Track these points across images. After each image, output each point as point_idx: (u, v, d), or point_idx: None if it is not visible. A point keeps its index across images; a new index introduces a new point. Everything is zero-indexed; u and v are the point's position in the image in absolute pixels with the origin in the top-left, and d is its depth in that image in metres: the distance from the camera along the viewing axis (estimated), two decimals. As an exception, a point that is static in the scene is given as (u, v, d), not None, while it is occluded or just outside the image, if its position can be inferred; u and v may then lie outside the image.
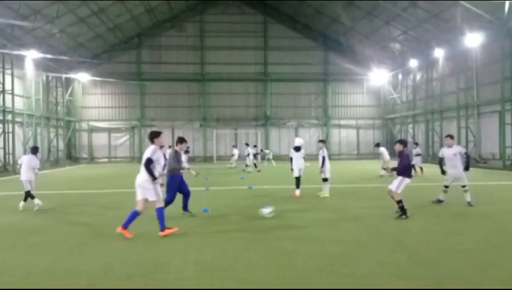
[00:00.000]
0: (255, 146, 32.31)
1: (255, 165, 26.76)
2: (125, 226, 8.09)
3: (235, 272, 5.84)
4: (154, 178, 8.06)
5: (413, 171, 17.74)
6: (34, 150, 12.29)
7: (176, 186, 10.03)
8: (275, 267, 6.02)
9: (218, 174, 24.44)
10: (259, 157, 26.45)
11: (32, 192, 11.72)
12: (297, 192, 13.74)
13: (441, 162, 11.74)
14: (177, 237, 7.97)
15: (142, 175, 8.12)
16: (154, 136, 8.55)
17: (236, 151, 30.80)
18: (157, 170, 8.29)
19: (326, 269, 5.97)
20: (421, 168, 22.33)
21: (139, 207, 8.14)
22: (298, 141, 14.19)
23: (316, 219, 9.94)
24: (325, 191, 13.79)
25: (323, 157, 13.60)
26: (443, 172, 11.67)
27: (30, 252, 7.13)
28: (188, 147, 21.68)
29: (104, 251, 7.11)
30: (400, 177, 9.79)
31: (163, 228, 8.16)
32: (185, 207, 10.48)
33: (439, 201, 11.77)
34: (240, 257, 6.63)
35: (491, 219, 9.62)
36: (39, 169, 12.25)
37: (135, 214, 8.16)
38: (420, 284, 5.29)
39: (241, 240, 7.73)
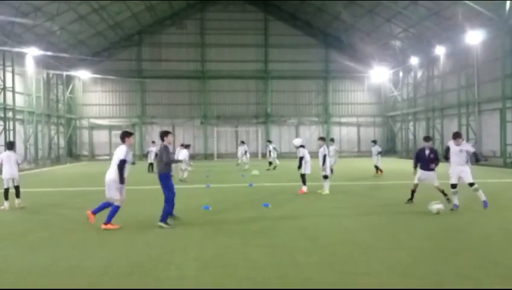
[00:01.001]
0: (269, 141, 31.38)
1: (270, 163, 26.48)
2: (107, 222, 8.40)
3: (236, 269, 5.85)
4: (122, 180, 8.15)
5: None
6: (11, 146, 12.00)
7: (171, 181, 9.15)
8: (276, 265, 6.02)
9: (219, 171, 24.44)
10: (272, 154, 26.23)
11: (11, 190, 11.43)
12: (305, 188, 13.93)
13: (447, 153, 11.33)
14: (178, 235, 7.99)
15: (110, 174, 8.14)
16: (125, 135, 8.41)
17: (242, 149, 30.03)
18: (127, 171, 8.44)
19: (327, 266, 5.98)
20: (378, 168, 20.62)
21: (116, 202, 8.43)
22: (299, 141, 14.37)
23: (317, 216, 9.96)
24: (326, 188, 13.81)
25: (325, 155, 13.65)
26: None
27: (31, 249, 7.14)
28: (188, 144, 21.66)
29: (106, 248, 7.12)
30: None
31: (108, 221, 8.37)
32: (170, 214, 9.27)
33: (455, 207, 10.54)
34: (241, 254, 6.63)
35: (492, 217, 9.62)
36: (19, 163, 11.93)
37: (106, 205, 8.58)
38: (421, 282, 5.29)
39: (242, 238, 7.74)
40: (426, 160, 11.03)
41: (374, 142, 22.18)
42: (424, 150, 11.28)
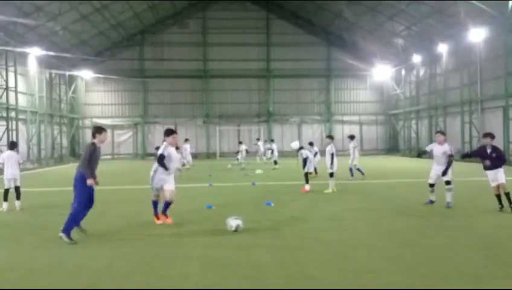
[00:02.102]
0: (262, 140, 31.63)
1: (275, 162, 26.64)
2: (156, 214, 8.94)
3: (239, 268, 5.85)
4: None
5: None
6: (12, 146, 12.01)
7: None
8: (280, 263, 6.03)
9: (221, 170, 24.45)
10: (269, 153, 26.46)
11: (11, 190, 11.34)
12: (308, 187, 14.01)
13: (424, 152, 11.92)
14: (181, 233, 7.99)
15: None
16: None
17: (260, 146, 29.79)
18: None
19: (331, 264, 5.98)
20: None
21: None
22: (296, 144, 14.65)
23: (320, 214, 9.95)
24: (330, 186, 13.88)
25: (332, 154, 13.70)
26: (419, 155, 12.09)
27: (34, 248, 7.16)
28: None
29: (108, 247, 7.13)
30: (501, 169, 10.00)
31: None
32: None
33: (431, 202, 10.91)
34: (244, 252, 6.64)
35: (495, 215, 9.59)
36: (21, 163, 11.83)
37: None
38: (424, 280, 5.29)
39: (245, 237, 7.74)
40: (490, 158, 10.04)
41: (352, 137, 20.10)
42: (485, 148, 10.27)
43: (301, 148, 14.23)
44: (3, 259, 6.54)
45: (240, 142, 29.30)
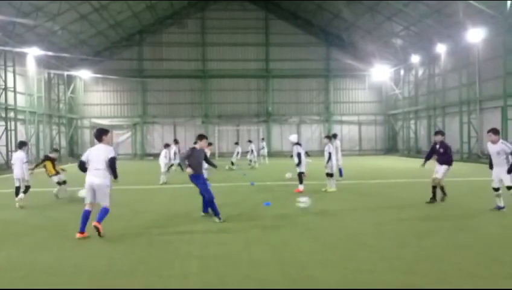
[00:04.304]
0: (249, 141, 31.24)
1: (250, 161, 26.65)
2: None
3: (239, 268, 5.85)
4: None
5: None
6: (19, 146, 12.17)
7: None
8: (279, 263, 6.03)
9: (220, 170, 24.40)
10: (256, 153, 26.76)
11: (21, 189, 11.59)
12: (302, 187, 13.84)
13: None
14: (180, 233, 7.99)
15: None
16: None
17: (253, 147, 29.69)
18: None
19: (330, 264, 5.98)
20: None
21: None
22: (294, 137, 14.24)
23: (319, 214, 9.95)
24: (331, 186, 13.96)
25: (330, 153, 13.80)
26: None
27: (34, 248, 7.15)
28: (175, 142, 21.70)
29: (108, 247, 7.13)
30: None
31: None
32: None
33: (499, 208, 9.94)
34: (243, 252, 6.64)
35: (495, 214, 9.60)
36: (27, 162, 11.89)
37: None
38: (424, 280, 5.29)
39: (244, 236, 7.74)
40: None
41: (334, 136, 18.67)
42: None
43: (297, 144, 14.04)
44: (3, 259, 6.53)
45: (236, 143, 29.28)
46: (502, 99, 26.65)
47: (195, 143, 9.93)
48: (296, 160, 13.75)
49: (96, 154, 7.88)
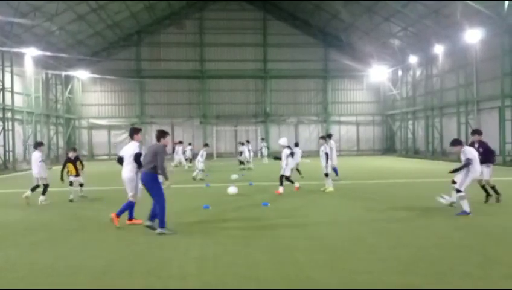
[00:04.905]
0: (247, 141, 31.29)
1: (241, 162, 26.57)
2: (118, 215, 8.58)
3: (237, 269, 5.86)
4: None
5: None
6: (36, 145, 12.92)
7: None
8: (277, 264, 6.03)
9: (219, 171, 24.43)
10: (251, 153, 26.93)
11: (39, 188, 12.14)
12: (281, 189, 13.73)
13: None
14: (179, 234, 7.99)
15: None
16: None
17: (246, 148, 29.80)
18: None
19: (328, 265, 5.99)
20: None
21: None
22: (284, 141, 14.26)
23: (317, 215, 9.96)
24: (329, 185, 14.06)
25: (326, 154, 13.94)
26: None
27: (33, 248, 7.15)
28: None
29: (107, 247, 7.13)
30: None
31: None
32: None
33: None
34: (242, 253, 6.64)
35: (492, 215, 9.64)
36: (43, 161, 12.50)
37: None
38: (422, 280, 5.31)
39: (242, 237, 7.75)
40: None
41: (329, 136, 19.02)
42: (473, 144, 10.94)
43: (288, 147, 14.14)
44: (2, 259, 6.53)
45: (242, 143, 29.18)
46: (500, 99, 26.75)
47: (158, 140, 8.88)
48: (283, 163, 13.80)
49: (126, 151, 8.85)
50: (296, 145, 19.41)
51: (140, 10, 37.75)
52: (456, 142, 10.13)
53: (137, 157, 8.60)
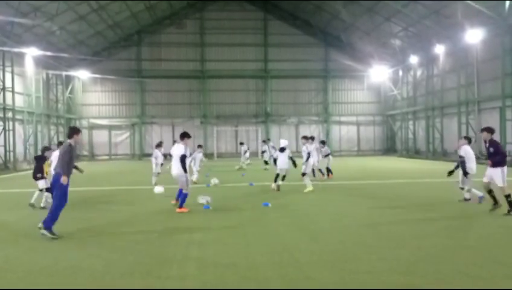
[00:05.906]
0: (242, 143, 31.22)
1: (265, 162, 26.58)
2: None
3: (237, 269, 5.85)
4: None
5: (318, 175, 17.55)
6: (59, 145, 13.16)
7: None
8: (277, 264, 6.02)
9: (219, 171, 24.43)
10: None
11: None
12: (274, 185, 14.57)
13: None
14: (179, 234, 7.99)
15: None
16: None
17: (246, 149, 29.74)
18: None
19: (328, 265, 5.98)
20: (329, 171, 18.95)
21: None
22: (283, 142, 14.77)
23: (317, 215, 9.96)
24: (307, 184, 14.13)
25: (309, 154, 14.52)
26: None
27: (32, 249, 7.14)
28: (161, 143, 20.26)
29: (106, 247, 7.12)
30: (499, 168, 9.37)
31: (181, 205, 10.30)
32: None
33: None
34: (241, 253, 6.64)
35: (493, 215, 9.62)
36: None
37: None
38: (422, 280, 5.30)
39: (243, 237, 7.74)
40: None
41: (323, 142, 20.49)
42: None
43: (282, 149, 14.45)
44: (3, 259, 6.52)
45: (264, 142, 29.26)
46: (500, 100, 26.72)
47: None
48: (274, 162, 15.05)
49: (174, 151, 10.46)
50: (323, 143, 20.48)
51: (141, 10, 37.75)
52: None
53: (182, 158, 10.16)
